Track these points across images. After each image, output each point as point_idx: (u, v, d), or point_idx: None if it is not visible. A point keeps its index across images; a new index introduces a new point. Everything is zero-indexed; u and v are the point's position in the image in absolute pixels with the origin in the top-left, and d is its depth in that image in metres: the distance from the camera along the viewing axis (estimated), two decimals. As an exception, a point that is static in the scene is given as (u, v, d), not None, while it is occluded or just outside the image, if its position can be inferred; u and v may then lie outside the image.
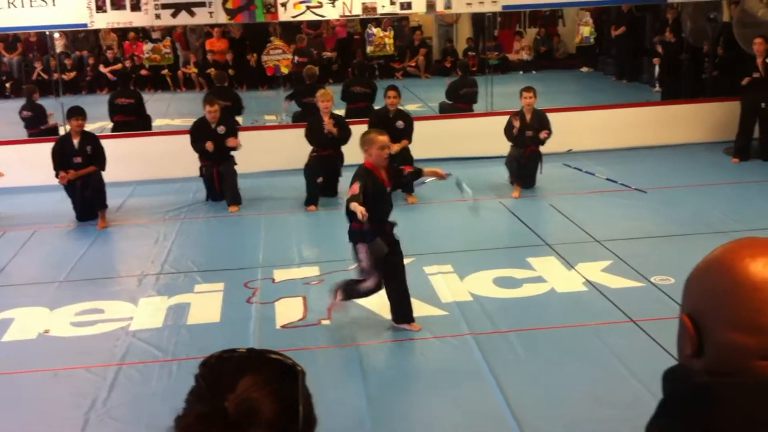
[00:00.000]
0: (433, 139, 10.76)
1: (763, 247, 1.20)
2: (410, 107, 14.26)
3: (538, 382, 5.02)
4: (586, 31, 17.50)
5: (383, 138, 5.72)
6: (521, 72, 18.71)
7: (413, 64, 18.88)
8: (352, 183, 5.58)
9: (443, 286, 6.65)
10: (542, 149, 9.53)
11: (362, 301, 6.40)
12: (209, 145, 9.00)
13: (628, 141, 11.29)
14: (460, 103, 12.05)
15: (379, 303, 6.31)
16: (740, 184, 9.41)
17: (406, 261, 7.19)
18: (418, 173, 6.08)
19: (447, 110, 12.18)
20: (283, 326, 6.02)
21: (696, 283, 1.25)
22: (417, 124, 10.54)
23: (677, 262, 6.78)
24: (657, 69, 14.21)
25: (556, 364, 5.24)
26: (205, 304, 6.45)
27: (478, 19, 19.39)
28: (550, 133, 9.21)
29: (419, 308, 6.20)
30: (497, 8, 11.04)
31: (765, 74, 10.01)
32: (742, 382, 1.14)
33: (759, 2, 10.92)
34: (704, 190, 9.24)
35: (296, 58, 16.42)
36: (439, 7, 10.86)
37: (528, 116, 9.25)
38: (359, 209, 5.30)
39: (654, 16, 15.81)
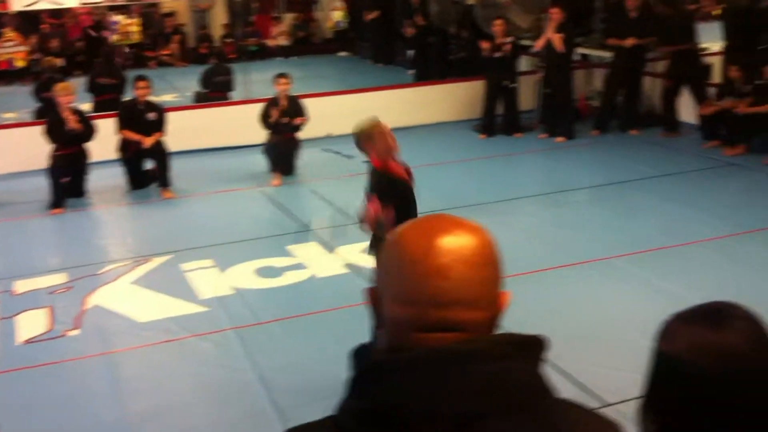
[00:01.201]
0: (188, 129, 10.40)
1: (428, 224, 1.23)
2: (166, 97, 13.72)
3: (299, 370, 4.96)
4: (337, 15, 17.76)
5: (381, 124, 4.61)
6: (280, 58, 18.64)
7: (168, 52, 18.21)
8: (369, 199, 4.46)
9: (203, 281, 6.41)
10: (301, 135, 9.51)
11: (113, 305, 6.05)
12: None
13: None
14: (215, 91, 11.76)
15: (131, 305, 5.98)
16: (488, 159, 9.92)
17: (162, 259, 6.95)
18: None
19: (202, 99, 11.85)
20: (25, 341, 5.53)
21: (378, 258, 1.27)
22: (172, 115, 10.12)
23: (432, 237, 6.99)
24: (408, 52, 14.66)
25: (318, 349, 5.20)
26: (-67, 326, 5.78)
27: (233, 4, 19.09)
28: (305, 120, 9.19)
29: (176, 308, 5.95)
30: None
31: (505, 53, 10.56)
32: (405, 356, 1.15)
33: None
34: (456, 166, 9.64)
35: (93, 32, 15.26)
36: (186, -8, 10.47)
37: (283, 102, 9.16)
38: (371, 214, 4.32)
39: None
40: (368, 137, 4.54)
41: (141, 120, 8.79)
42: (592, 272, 6.23)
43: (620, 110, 10.84)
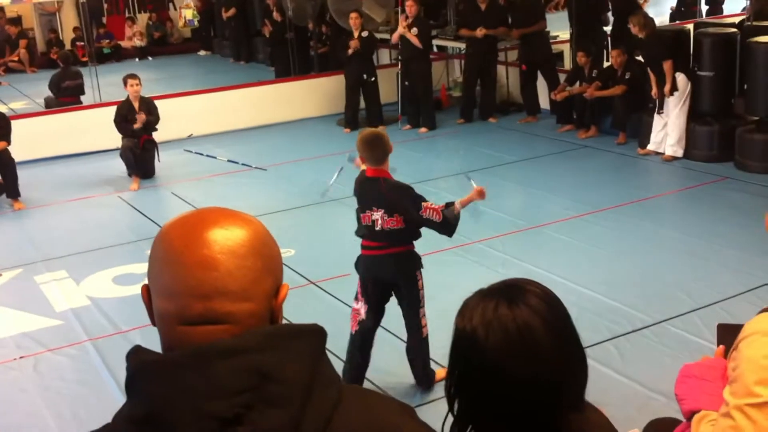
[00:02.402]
0: (39, 137, 9.95)
1: (195, 217, 1.20)
2: (16, 105, 13.13)
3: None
4: (188, 14, 17.45)
5: None
6: (137, 59, 18.07)
7: (16, 58, 17.32)
8: (416, 199, 4.23)
9: (57, 294, 6.12)
10: (160, 136, 9.23)
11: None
12: None
13: (247, 121, 11.36)
14: (64, 96, 11.26)
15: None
16: (352, 153, 9.89)
17: (13, 273, 6.59)
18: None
19: (52, 105, 11.32)
20: None
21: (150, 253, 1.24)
22: (21, 123, 9.69)
23: (297, 233, 6.95)
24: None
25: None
26: None
27: (82, 6, 18.36)
28: (154, 119, 8.90)
29: (29, 322, 5.66)
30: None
31: (362, 47, 10.59)
32: (171, 355, 1.12)
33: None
34: (320, 161, 9.56)
35: None
36: (26, -6, 9.95)
37: (135, 104, 8.84)
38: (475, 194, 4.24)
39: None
40: (386, 144, 4.25)
41: (-18, 129, 8.28)
42: (454, 257, 6.32)
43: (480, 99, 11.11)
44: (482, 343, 1.40)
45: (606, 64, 9.87)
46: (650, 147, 8.73)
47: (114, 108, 9.09)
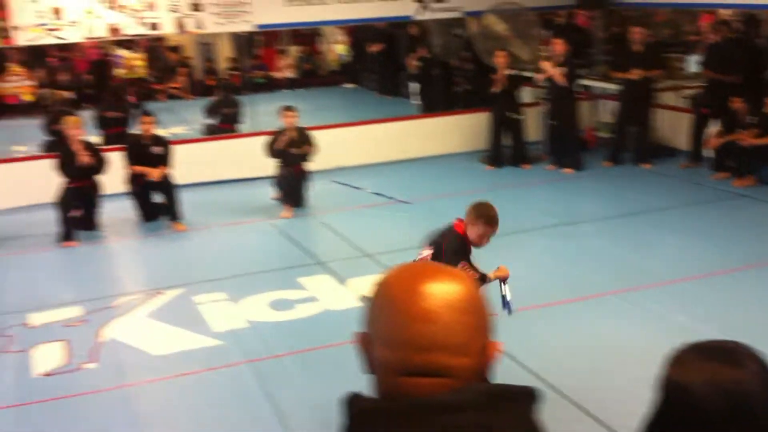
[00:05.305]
0: (198, 162, 10.48)
1: (415, 270, 1.25)
2: (176, 130, 13.82)
3: (313, 403, 4.96)
4: (340, 48, 17.99)
5: (497, 220, 4.78)
6: (287, 90, 18.78)
7: (176, 86, 18.35)
8: (452, 258, 4.59)
9: (216, 315, 6.43)
10: (311, 166, 9.56)
11: (127, 339, 6.07)
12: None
13: (392, 154, 11.59)
14: (223, 123, 11.85)
15: (145, 339, 6.00)
16: (495, 190, 9.93)
17: (174, 292, 6.97)
18: (484, 279, 4.79)
19: (212, 131, 11.91)
20: (42, 374, 5.54)
21: (368, 302, 1.29)
22: (181, 148, 10.22)
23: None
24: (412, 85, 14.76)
25: (331, 382, 5.19)
26: (-51, 360, 5.80)
27: (238, 37, 19.26)
28: (312, 149, 9.23)
29: (189, 341, 5.97)
30: (251, 27, 10.93)
31: (507, 85, 10.63)
32: (392, 406, 1.15)
33: (497, 18, 11.62)
34: (463, 197, 9.55)
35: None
36: (190, 27, 10.56)
37: (292, 134, 9.22)
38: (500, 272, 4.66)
39: (407, 33, 16.40)
40: (489, 219, 4.72)
41: (147, 154, 8.84)
42: (603, 306, 6.23)
43: (633, 143, 10.82)
44: (699, 400, 1.42)
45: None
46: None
47: (267, 137, 9.48)
